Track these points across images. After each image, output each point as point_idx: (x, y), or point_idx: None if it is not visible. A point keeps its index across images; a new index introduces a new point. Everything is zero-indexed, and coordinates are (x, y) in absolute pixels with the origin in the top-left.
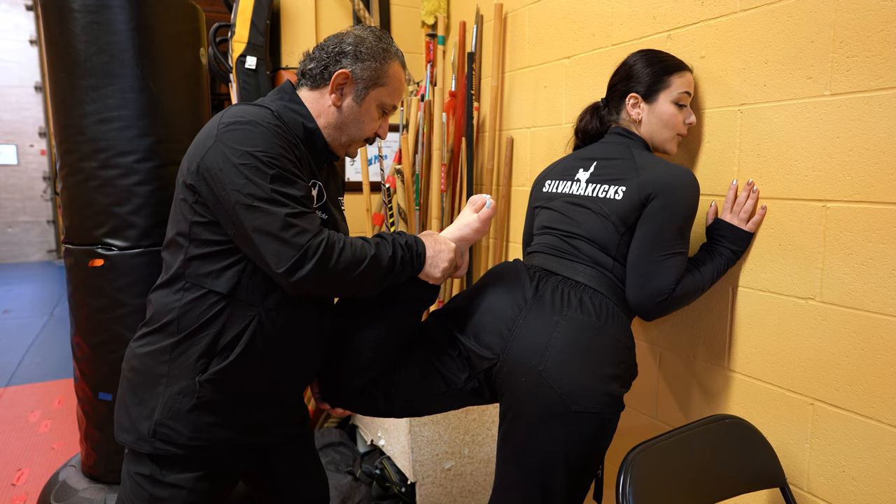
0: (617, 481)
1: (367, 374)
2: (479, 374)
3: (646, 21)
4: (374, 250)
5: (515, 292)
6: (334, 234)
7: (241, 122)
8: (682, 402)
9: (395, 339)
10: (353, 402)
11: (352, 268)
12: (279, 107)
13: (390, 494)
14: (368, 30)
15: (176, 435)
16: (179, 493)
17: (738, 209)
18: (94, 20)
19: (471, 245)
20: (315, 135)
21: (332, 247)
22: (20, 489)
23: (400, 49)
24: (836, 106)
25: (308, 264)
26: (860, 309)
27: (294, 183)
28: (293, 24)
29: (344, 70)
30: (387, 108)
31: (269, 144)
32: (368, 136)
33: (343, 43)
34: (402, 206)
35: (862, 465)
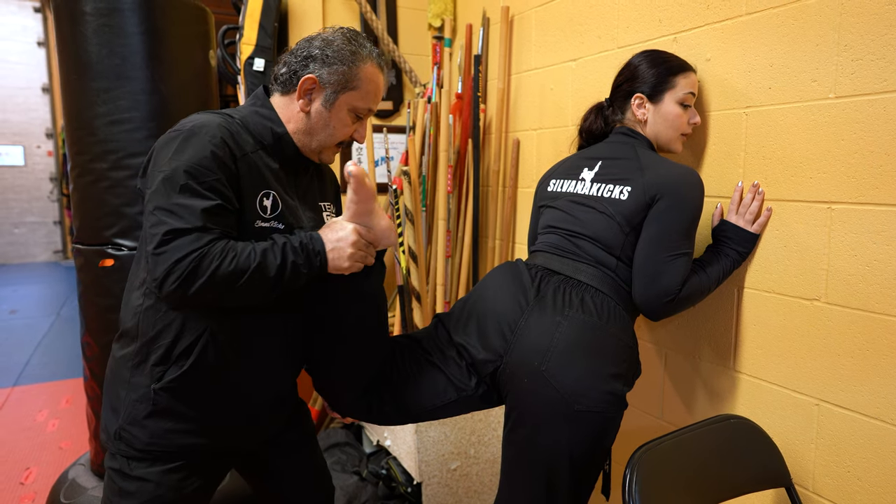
0: (623, 480)
1: (360, 383)
2: (486, 377)
3: (652, 24)
4: (258, 260)
5: (517, 294)
6: (215, 248)
7: (181, 130)
8: (687, 402)
9: (365, 344)
10: (362, 413)
11: (228, 281)
12: (248, 112)
13: (396, 494)
14: (339, 31)
15: (135, 440)
16: (146, 486)
17: (743, 211)
18: (106, 23)
19: (371, 215)
20: (284, 140)
21: (198, 268)
22: (29, 488)
23: (376, 49)
24: (841, 108)
25: (170, 288)
26: (865, 310)
27: (204, 196)
28: (301, 26)
29: (310, 75)
30: (360, 112)
31: (198, 155)
32: (342, 141)
33: (311, 46)
34: (409, 207)
35: (867, 465)
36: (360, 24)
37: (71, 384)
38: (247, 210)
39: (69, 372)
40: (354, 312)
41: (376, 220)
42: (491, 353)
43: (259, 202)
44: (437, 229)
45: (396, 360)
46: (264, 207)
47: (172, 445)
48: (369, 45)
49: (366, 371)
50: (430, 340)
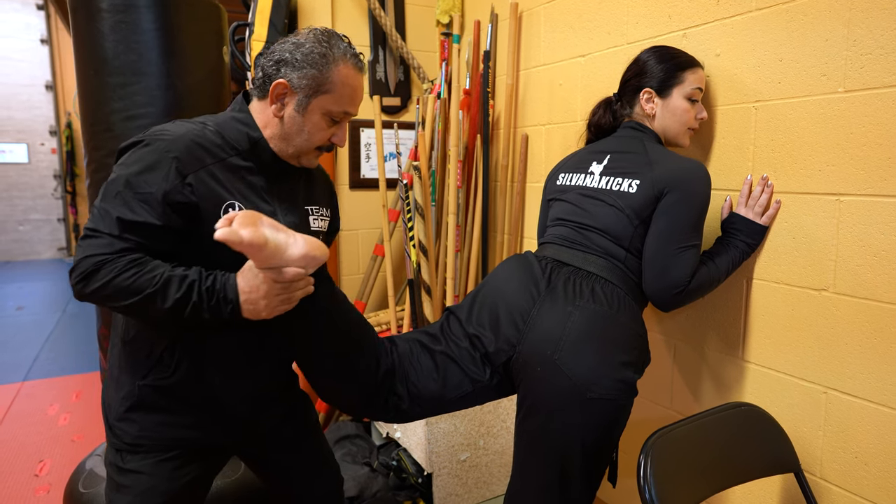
0: (638, 465)
1: (357, 385)
2: (499, 367)
3: (661, 20)
4: (156, 287)
5: (529, 284)
6: (121, 259)
7: (142, 139)
8: (696, 391)
9: (343, 351)
10: (379, 413)
11: (121, 296)
12: (225, 118)
13: (407, 485)
14: (312, 33)
15: (124, 434)
16: (139, 478)
17: (752, 203)
18: (122, 20)
19: (274, 257)
20: (260, 144)
21: (97, 271)
22: (43, 479)
23: (351, 49)
24: (850, 102)
25: (73, 282)
26: (873, 299)
27: (131, 209)
28: (310, 22)
29: (281, 80)
30: (335, 116)
31: (143, 168)
32: (321, 145)
33: (282, 50)
34: (420, 201)
35: (875, 451)
36: (369, 20)
37: (80, 379)
38: (207, 222)
39: (78, 367)
40: (318, 328)
41: (286, 255)
42: (504, 343)
43: (224, 213)
44: (445, 224)
45: (412, 355)
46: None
47: (161, 438)
48: (344, 45)
49: (356, 374)
50: (443, 333)
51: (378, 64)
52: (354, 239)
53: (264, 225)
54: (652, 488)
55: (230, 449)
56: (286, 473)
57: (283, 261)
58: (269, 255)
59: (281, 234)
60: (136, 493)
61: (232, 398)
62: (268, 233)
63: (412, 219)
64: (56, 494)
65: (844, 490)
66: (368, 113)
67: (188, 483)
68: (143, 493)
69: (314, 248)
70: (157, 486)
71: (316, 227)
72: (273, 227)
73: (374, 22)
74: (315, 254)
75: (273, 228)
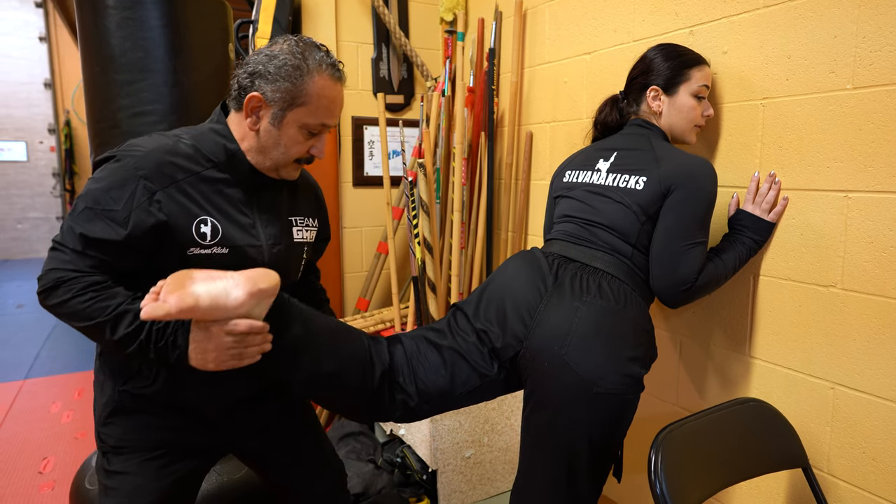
0: (648, 460)
1: (348, 395)
2: (506, 362)
3: (668, 17)
4: (107, 318)
5: (536, 280)
6: (81, 280)
7: (110, 155)
8: (702, 388)
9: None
10: (385, 415)
11: (74, 318)
12: (203, 130)
13: (412, 482)
14: (286, 43)
15: (108, 438)
16: (126, 479)
17: (760, 200)
18: (129, 16)
19: (215, 313)
20: (237, 157)
21: (57, 288)
22: (47, 476)
23: (329, 59)
24: (859, 99)
25: (38, 291)
26: (882, 295)
27: (95, 225)
28: (314, 20)
29: (255, 93)
30: (311, 128)
31: (111, 185)
32: (300, 158)
33: (256, 62)
34: (424, 198)
35: (883, 446)
36: (372, 17)
37: (81, 377)
38: (178, 239)
39: (79, 365)
40: (286, 363)
41: (229, 303)
42: (511, 338)
43: (195, 229)
44: (448, 221)
45: (418, 352)
46: (202, 234)
47: (144, 440)
48: (320, 55)
49: (344, 388)
50: (449, 329)
51: (381, 61)
52: (357, 237)
53: (196, 281)
54: (663, 483)
55: (221, 448)
56: (286, 473)
57: (227, 311)
58: (209, 311)
59: (219, 281)
60: (124, 493)
61: (212, 405)
62: (200, 289)
63: (417, 216)
64: (60, 491)
65: (852, 485)
66: (372, 111)
67: (176, 481)
68: (130, 494)
69: (258, 280)
70: (143, 485)
71: (300, 239)
72: (207, 278)
73: (378, 19)
74: (261, 286)
75: (207, 280)
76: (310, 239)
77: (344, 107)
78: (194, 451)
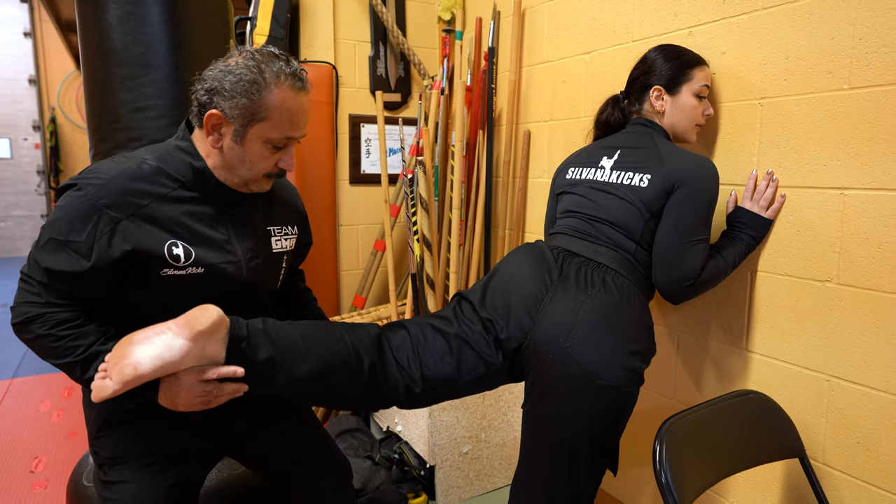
0: (653, 451)
1: (340, 392)
2: (509, 353)
3: (667, 18)
4: (77, 358)
5: (542, 272)
6: (53, 317)
7: (72, 183)
8: (700, 382)
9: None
10: (387, 402)
11: (43, 354)
12: (168, 149)
13: (409, 478)
14: (241, 56)
15: (102, 450)
16: (123, 487)
17: (758, 197)
18: (131, 11)
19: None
20: (204, 174)
21: (30, 323)
22: (39, 475)
23: (289, 68)
24: (856, 99)
25: (11, 322)
26: (876, 289)
27: (58, 257)
28: (311, 18)
29: (214, 111)
30: (276, 143)
31: (71, 216)
32: (269, 172)
33: (212, 77)
34: (424, 196)
35: (877, 436)
36: (370, 15)
37: None
38: (150, 262)
39: None
40: (265, 384)
41: (176, 355)
42: (516, 329)
43: (168, 252)
44: (446, 218)
45: (424, 339)
46: (175, 256)
47: (137, 450)
48: (278, 66)
49: (334, 388)
50: (455, 317)
51: (379, 60)
52: (354, 234)
53: (135, 346)
54: (668, 472)
55: (217, 452)
56: (288, 473)
57: (178, 364)
58: (157, 373)
59: (158, 338)
60: (123, 502)
61: (196, 414)
62: (139, 354)
63: (416, 213)
64: (52, 490)
65: (846, 475)
66: (369, 109)
67: (174, 486)
68: (129, 502)
69: (194, 322)
70: (141, 491)
71: (279, 249)
72: (145, 340)
73: (376, 17)
74: (199, 328)
75: (146, 342)
76: (290, 248)
77: (341, 104)
78: (190, 457)
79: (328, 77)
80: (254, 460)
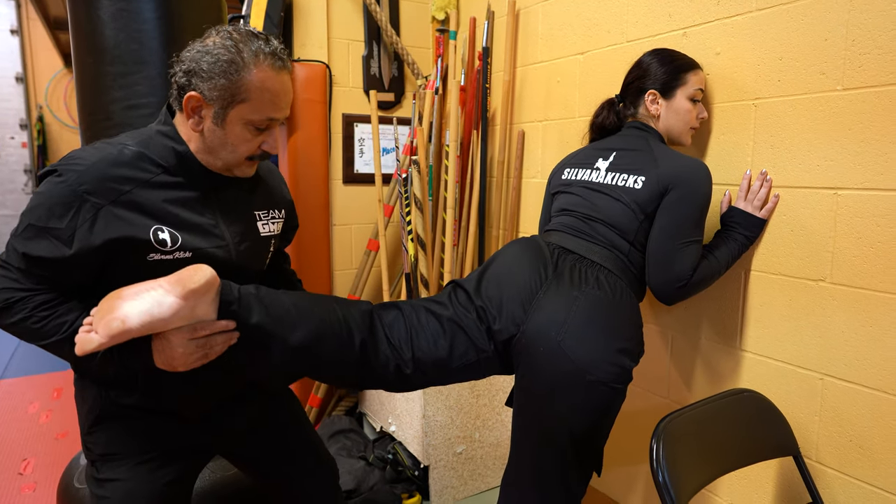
0: (650, 449)
1: (330, 367)
2: (500, 345)
3: (661, 19)
4: (64, 335)
5: (538, 266)
6: (33, 300)
7: (52, 169)
8: (693, 381)
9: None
10: (377, 383)
11: (29, 338)
12: (149, 134)
13: (403, 478)
14: (220, 36)
15: (95, 446)
16: (116, 485)
17: (751, 197)
18: (124, 7)
19: (161, 313)
20: (187, 158)
21: (10, 309)
22: (28, 478)
23: (268, 47)
24: (849, 100)
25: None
26: (869, 288)
27: (38, 243)
28: (305, 16)
29: (193, 93)
30: (257, 124)
31: (51, 202)
32: (252, 155)
33: (190, 59)
34: (418, 195)
35: (870, 434)
36: (364, 14)
37: (59, 376)
38: (135, 248)
39: (56, 365)
40: (253, 348)
41: (166, 312)
42: (509, 321)
43: (153, 236)
44: (440, 218)
45: (418, 321)
46: (162, 241)
47: (130, 447)
48: (257, 45)
49: (323, 361)
50: (450, 302)
51: (372, 59)
52: (347, 234)
53: (124, 301)
54: (665, 471)
55: (210, 449)
56: (279, 473)
57: (167, 322)
58: (145, 329)
59: (147, 294)
60: (117, 500)
61: (193, 408)
62: (128, 309)
63: (410, 212)
64: (42, 492)
65: (840, 473)
66: (362, 108)
67: (167, 484)
68: (122, 500)
69: (187, 281)
70: (135, 489)
71: (266, 232)
72: (135, 295)
73: (369, 16)
74: (192, 286)
75: (135, 297)
76: (276, 231)
77: (335, 104)
78: (183, 454)
79: (322, 76)
80: (247, 460)
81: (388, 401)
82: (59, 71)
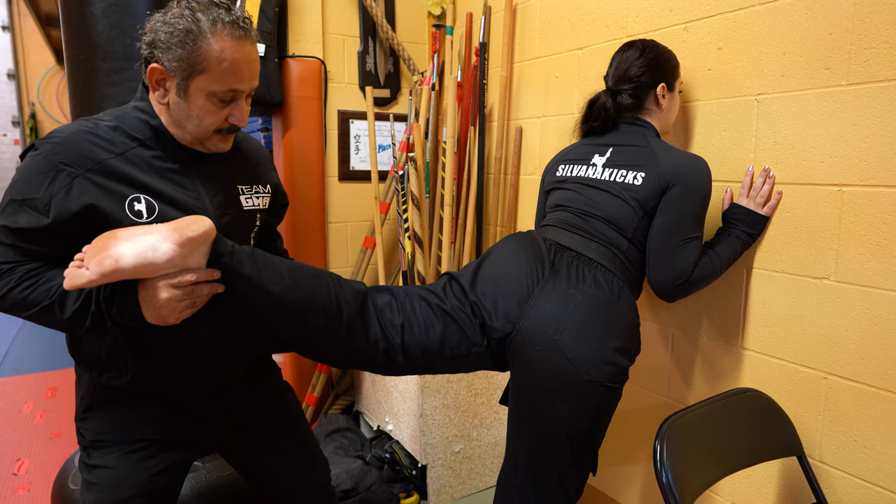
0: (654, 450)
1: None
2: (494, 342)
3: (662, 13)
4: (53, 298)
5: (535, 263)
6: (17, 271)
7: (32, 145)
8: (694, 380)
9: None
10: (365, 364)
11: (19, 308)
12: (125, 109)
13: (401, 477)
14: (178, 5)
15: (86, 432)
16: (105, 473)
17: (754, 194)
18: (116, 3)
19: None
20: (160, 131)
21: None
22: (22, 478)
23: (228, 16)
24: (854, 95)
25: None
26: (874, 287)
27: (19, 216)
28: (300, 12)
29: (154, 65)
30: (221, 95)
31: (29, 174)
32: (220, 128)
33: (151, 30)
34: (415, 192)
35: (874, 433)
36: (359, 10)
37: (53, 376)
38: (111, 219)
39: (50, 363)
40: (243, 311)
41: (160, 257)
42: (504, 319)
43: (129, 207)
44: (437, 215)
45: (411, 308)
46: (137, 212)
47: (121, 434)
48: (215, 13)
49: (314, 333)
50: (445, 293)
51: (368, 55)
52: (343, 231)
53: (119, 241)
54: (669, 472)
55: (203, 442)
56: (272, 472)
57: (160, 267)
58: (137, 271)
59: (144, 237)
60: (105, 487)
61: (185, 393)
62: (123, 249)
63: (407, 210)
64: (36, 493)
65: (844, 472)
66: (358, 104)
67: (157, 474)
68: (111, 488)
69: (186, 228)
70: (124, 478)
71: (250, 206)
72: (131, 236)
73: (365, 12)
74: (190, 234)
75: (131, 238)
76: (262, 206)
77: (330, 100)
78: (175, 445)
79: (317, 72)
80: (241, 460)
81: (385, 399)
82: (52, 67)
